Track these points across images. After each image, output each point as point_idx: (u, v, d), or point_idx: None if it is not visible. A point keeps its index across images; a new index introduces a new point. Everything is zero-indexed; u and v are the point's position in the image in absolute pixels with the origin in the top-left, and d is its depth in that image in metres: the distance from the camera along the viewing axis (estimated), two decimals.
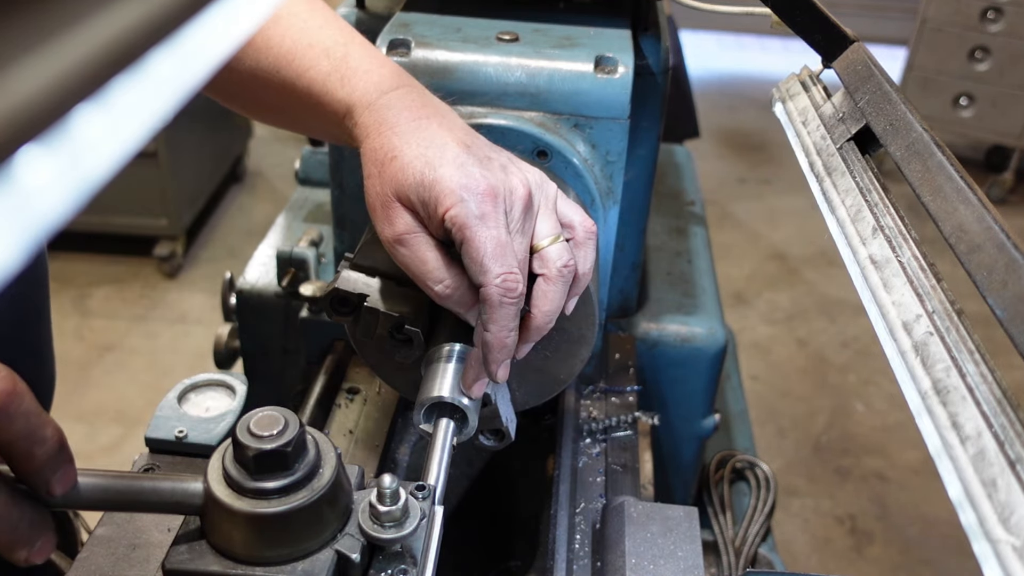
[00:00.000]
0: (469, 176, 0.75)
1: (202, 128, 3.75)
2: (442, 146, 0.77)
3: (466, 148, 0.78)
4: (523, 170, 0.81)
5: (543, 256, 0.79)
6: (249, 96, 0.93)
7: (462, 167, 0.76)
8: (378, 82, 0.83)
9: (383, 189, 0.78)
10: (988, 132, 4.51)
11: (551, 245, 0.80)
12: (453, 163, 0.76)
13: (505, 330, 0.77)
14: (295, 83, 0.86)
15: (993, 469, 0.46)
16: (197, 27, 0.25)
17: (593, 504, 0.99)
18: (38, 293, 0.96)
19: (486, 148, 0.81)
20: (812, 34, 0.91)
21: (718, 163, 4.90)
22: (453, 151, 0.77)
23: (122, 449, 2.80)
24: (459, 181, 0.75)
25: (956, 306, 0.58)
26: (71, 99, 0.21)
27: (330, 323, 1.23)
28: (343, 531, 0.69)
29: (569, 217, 0.83)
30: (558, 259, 0.79)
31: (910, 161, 0.70)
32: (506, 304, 0.76)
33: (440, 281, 0.77)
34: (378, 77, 0.84)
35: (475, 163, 0.77)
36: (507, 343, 0.78)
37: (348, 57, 0.85)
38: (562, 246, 0.80)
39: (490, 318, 0.77)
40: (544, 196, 0.81)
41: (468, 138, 0.80)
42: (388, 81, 0.84)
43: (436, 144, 0.77)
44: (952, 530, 2.69)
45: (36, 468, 0.62)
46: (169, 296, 3.56)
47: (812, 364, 3.40)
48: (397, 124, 0.79)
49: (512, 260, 0.75)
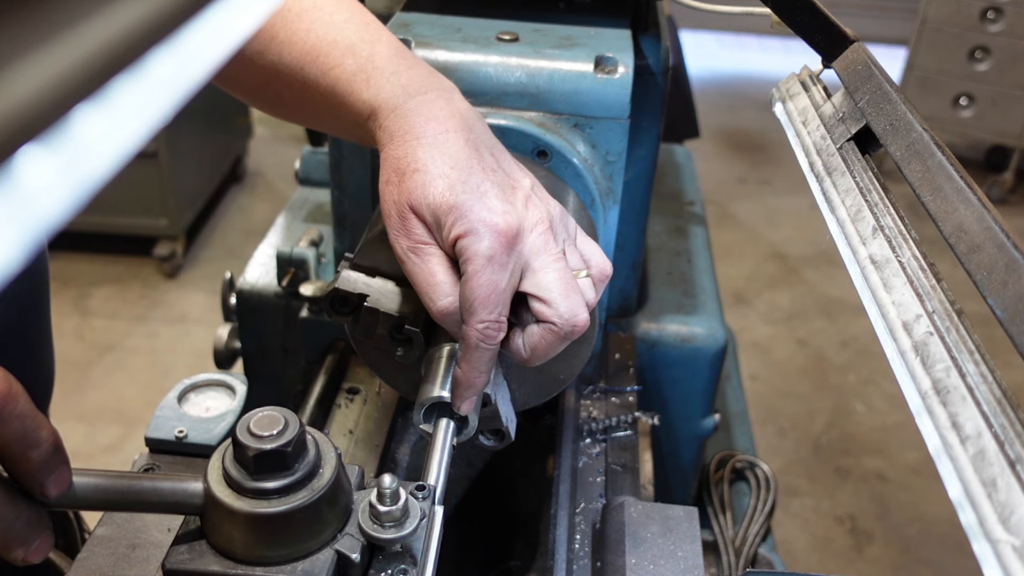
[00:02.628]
0: (490, 210, 0.74)
1: (202, 128, 3.75)
2: (467, 168, 0.75)
3: (492, 174, 0.77)
4: (545, 201, 0.79)
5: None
6: (271, 92, 0.91)
7: (484, 197, 0.74)
8: (406, 85, 0.81)
9: (400, 199, 0.76)
10: (988, 132, 4.51)
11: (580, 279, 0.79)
12: (476, 191, 0.74)
13: (476, 371, 0.78)
14: (319, 81, 0.84)
15: (993, 469, 0.46)
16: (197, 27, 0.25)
17: (593, 504, 0.99)
18: (38, 292, 0.96)
19: (511, 174, 0.79)
20: (812, 34, 0.91)
21: (718, 163, 4.90)
22: (478, 177, 0.75)
23: (122, 449, 2.80)
24: (479, 214, 0.73)
25: (956, 306, 0.58)
26: (71, 99, 0.21)
27: (330, 323, 1.23)
28: (343, 531, 0.69)
29: (588, 255, 0.82)
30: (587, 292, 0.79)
31: (910, 161, 0.70)
32: (482, 348, 0.77)
33: (446, 296, 0.77)
34: (406, 79, 0.81)
35: (498, 195, 0.75)
36: (476, 383, 0.79)
37: (375, 56, 0.83)
38: (587, 282, 0.79)
39: (464, 357, 0.78)
40: (565, 230, 0.80)
41: (494, 160, 0.79)
42: (416, 84, 0.81)
43: (461, 165, 0.75)
44: (952, 530, 2.69)
45: (31, 470, 0.62)
46: (169, 296, 3.56)
47: (812, 364, 3.40)
48: (423, 135, 0.77)
49: (500, 309, 0.75)
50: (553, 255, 0.76)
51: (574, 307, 0.75)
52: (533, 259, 0.76)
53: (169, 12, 0.24)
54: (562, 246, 0.78)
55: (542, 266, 0.76)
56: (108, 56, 0.22)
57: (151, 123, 0.24)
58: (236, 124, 4.18)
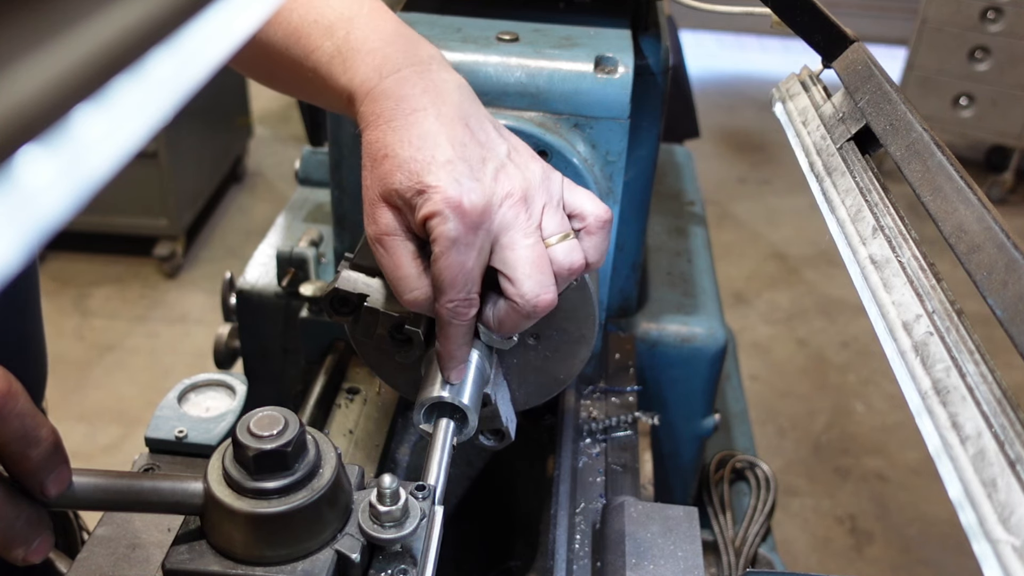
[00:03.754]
0: (456, 189, 0.73)
1: (202, 128, 3.75)
2: (434, 147, 0.74)
3: (462, 148, 0.75)
4: (522, 167, 0.78)
5: (551, 254, 0.78)
6: (264, 69, 0.91)
7: (451, 175, 0.73)
8: (380, 65, 0.80)
9: (372, 186, 0.77)
10: (988, 132, 4.51)
11: (558, 244, 0.78)
12: (443, 170, 0.74)
13: (454, 346, 0.80)
14: (303, 63, 0.85)
15: (993, 469, 0.46)
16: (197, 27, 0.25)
17: (593, 504, 0.99)
18: (28, 287, 0.96)
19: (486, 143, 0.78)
20: (812, 34, 0.91)
21: (718, 163, 4.90)
22: (445, 154, 0.74)
23: (122, 449, 2.80)
24: (444, 194, 0.73)
25: (956, 306, 0.58)
26: (71, 99, 0.21)
27: (330, 323, 1.23)
28: (343, 531, 0.69)
29: (580, 207, 0.80)
30: (564, 259, 0.78)
31: (910, 161, 0.70)
32: (455, 325, 0.78)
33: (411, 290, 0.77)
34: (380, 58, 0.80)
35: (466, 171, 0.74)
36: (456, 355, 0.80)
37: (350, 36, 0.82)
38: (569, 245, 0.78)
39: (441, 332, 0.79)
40: (547, 193, 0.79)
41: (468, 132, 0.77)
42: (392, 62, 0.80)
43: (428, 144, 0.75)
44: (952, 530, 2.69)
45: (31, 469, 0.62)
46: (169, 296, 3.56)
47: (812, 364, 3.40)
48: (393, 117, 0.77)
49: (468, 287, 0.75)
50: (522, 230, 0.75)
51: (536, 287, 0.75)
52: (502, 234, 0.75)
53: (169, 12, 0.24)
54: (537, 217, 0.77)
55: (510, 242, 0.75)
56: (108, 56, 0.22)
57: (151, 123, 0.24)
58: (236, 124, 4.18)
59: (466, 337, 0.80)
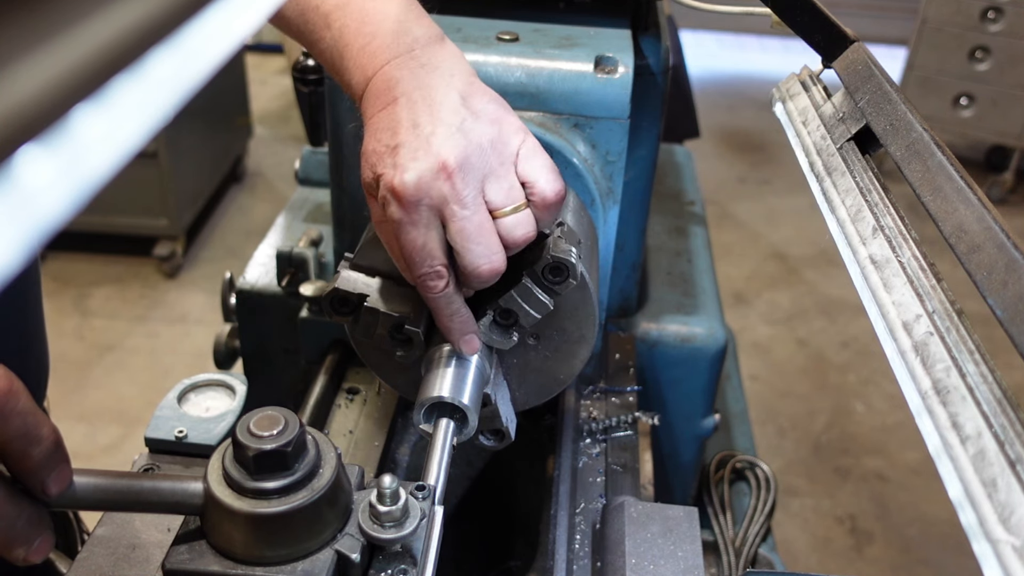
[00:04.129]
0: (393, 171, 0.76)
1: (202, 128, 3.75)
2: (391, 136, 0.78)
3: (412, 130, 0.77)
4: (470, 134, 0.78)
5: (499, 226, 0.79)
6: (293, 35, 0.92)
7: (393, 160, 0.77)
8: (366, 65, 0.83)
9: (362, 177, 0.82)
10: (988, 132, 4.51)
11: (508, 216, 0.78)
12: (389, 156, 0.77)
13: (444, 317, 0.82)
14: (313, 47, 0.88)
15: (993, 469, 0.46)
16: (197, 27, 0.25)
17: (593, 504, 0.99)
18: (30, 286, 0.96)
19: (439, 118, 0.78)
20: (812, 34, 0.91)
21: (718, 163, 4.90)
22: (395, 140, 0.77)
23: (122, 449, 2.80)
24: (385, 180, 0.77)
25: (956, 306, 0.58)
26: (71, 99, 0.21)
27: (330, 323, 1.23)
28: (343, 531, 0.69)
29: (532, 177, 0.80)
30: (511, 231, 0.78)
31: (910, 161, 0.70)
32: (432, 297, 0.80)
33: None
34: (367, 56, 0.83)
35: (407, 153, 0.76)
36: (451, 327, 0.83)
37: (344, 30, 0.84)
38: (515, 218, 0.79)
39: (429, 307, 0.83)
40: (498, 158, 0.79)
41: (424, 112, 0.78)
42: (377, 57, 0.82)
43: (387, 135, 0.78)
44: (952, 530, 2.69)
45: (32, 468, 0.62)
46: (169, 296, 3.56)
47: (812, 364, 3.40)
48: (372, 115, 0.81)
49: (430, 261, 0.78)
50: (459, 202, 0.76)
51: (475, 258, 0.77)
52: (443, 207, 0.77)
53: (169, 12, 0.24)
54: (476, 186, 0.77)
55: (450, 214, 0.77)
56: (108, 56, 0.22)
57: (151, 123, 0.24)
58: (236, 124, 4.18)
59: (452, 308, 0.81)
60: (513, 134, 0.80)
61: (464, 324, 0.83)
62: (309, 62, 1.43)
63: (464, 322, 0.83)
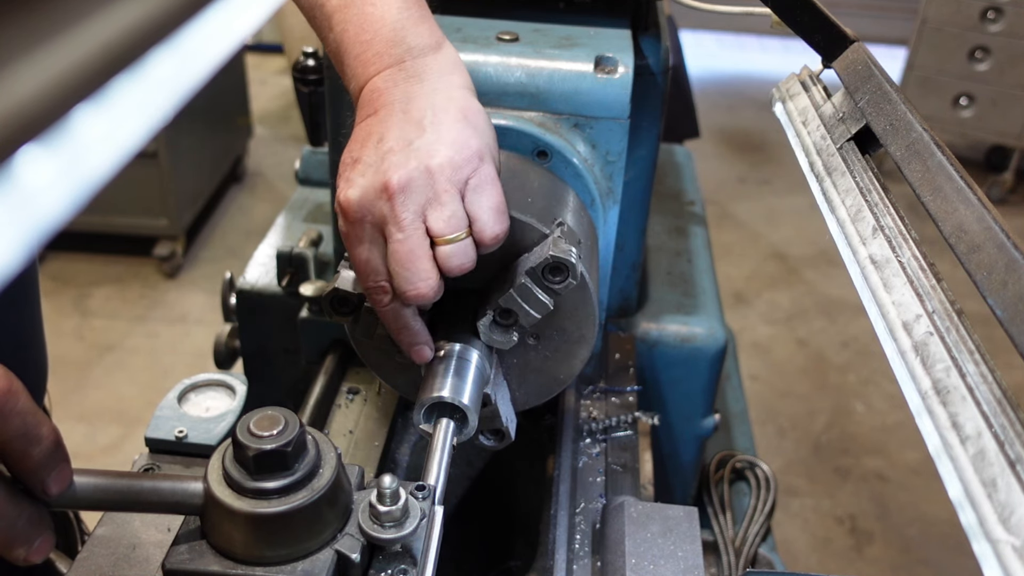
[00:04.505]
0: (345, 186, 0.78)
1: (202, 128, 3.75)
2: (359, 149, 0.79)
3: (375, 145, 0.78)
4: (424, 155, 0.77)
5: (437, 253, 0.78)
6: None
7: (349, 175, 0.79)
8: (360, 74, 0.84)
9: None
10: (988, 132, 4.51)
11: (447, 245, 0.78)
12: (348, 171, 0.79)
13: (392, 329, 0.84)
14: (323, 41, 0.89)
15: (993, 469, 0.46)
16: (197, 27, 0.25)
17: (593, 504, 0.99)
18: (28, 286, 0.96)
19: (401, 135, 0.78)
20: (812, 34, 0.91)
21: (718, 163, 4.90)
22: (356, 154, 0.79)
23: (122, 449, 2.80)
24: (338, 196, 0.79)
25: (956, 306, 0.58)
26: (71, 99, 0.21)
27: (330, 323, 1.23)
28: (343, 531, 0.69)
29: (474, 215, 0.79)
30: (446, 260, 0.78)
31: (910, 161, 0.70)
32: (379, 312, 0.82)
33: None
34: (362, 65, 0.84)
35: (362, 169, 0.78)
36: (400, 338, 0.84)
37: (344, 33, 0.85)
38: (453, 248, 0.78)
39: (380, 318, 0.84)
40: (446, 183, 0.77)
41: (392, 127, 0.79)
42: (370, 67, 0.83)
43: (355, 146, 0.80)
44: (952, 530, 2.69)
45: (32, 467, 0.62)
46: (169, 296, 3.56)
47: (812, 364, 3.40)
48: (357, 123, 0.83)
49: (374, 275, 0.80)
50: (396, 224, 0.77)
51: (402, 283, 0.78)
52: (383, 226, 0.78)
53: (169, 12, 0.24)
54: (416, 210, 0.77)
55: (388, 236, 0.78)
56: (108, 56, 0.22)
57: (151, 123, 0.24)
58: (236, 124, 4.18)
59: (400, 322, 0.83)
60: (468, 161, 0.78)
61: (412, 337, 0.84)
62: (309, 62, 1.43)
63: (412, 335, 0.84)
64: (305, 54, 1.44)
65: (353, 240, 0.79)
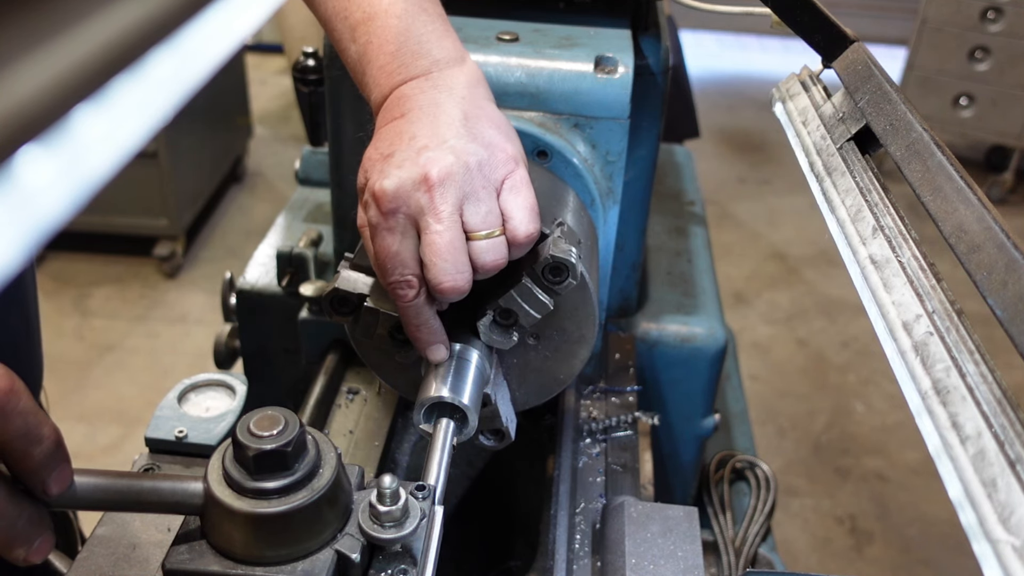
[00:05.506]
0: (378, 177, 0.77)
1: (202, 128, 3.75)
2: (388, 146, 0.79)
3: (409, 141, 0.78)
4: (460, 152, 0.78)
5: (471, 248, 0.78)
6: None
7: (382, 167, 0.78)
8: (384, 84, 0.84)
9: None
10: (988, 132, 4.51)
11: (482, 240, 0.78)
12: (379, 164, 0.78)
13: (412, 326, 0.82)
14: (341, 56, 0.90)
15: (993, 469, 0.46)
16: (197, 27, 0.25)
17: (593, 504, 0.99)
18: (25, 285, 0.96)
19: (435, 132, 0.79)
20: (812, 34, 0.91)
21: (718, 163, 4.90)
22: (388, 149, 0.79)
23: (122, 449, 2.80)
24: (369, 184, 0.78)
25: (956, 306, 0.58)
26: (71, 99, 0.21)
27: (330, 323, 1.23)
28: (343, 531, 0.69)
29: (509, 212, 0.80)
30: (480, 255, 0.78)
31: (910, 161, 0.70)
32: (402, 308, 0.81)
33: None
34: (386, 75, 0.84)
35: (395, 162, 0.77)
36: (418, 335, 0.83)
37: (369, 44, 0.85)
38: (489, 243, 0.78)
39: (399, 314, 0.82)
40: (482, 181, 0.78)
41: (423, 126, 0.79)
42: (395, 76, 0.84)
43: (384, 145, 0.80)
44: (952, 530, 2.69)
45: (33, 467, 0.62)
46: (169, 296, 3.56)
47: (812, 364, 3.40)
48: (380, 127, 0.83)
49: (400, 270, 0.78)
50: (434, 215, 0.76)
51: (438, 274, 0.77)
52: (419, 218, 0.77)
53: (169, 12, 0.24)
54: (454, 204, 0.77)
55: (424, 226, 0.77)
56: (108, 56, 0.22)
57: (151, 123, 0.24)
58: (236, 124, 4.18)
59: (420, 318, 0.81)
60: (503, 163, 0.80)
61: (430, 335, 0.83)
62: (309, 62, 1.43)
63: (431, 333, 0.83)
64: (305, 54, 1.44)
65: (383, 231, 0.77)
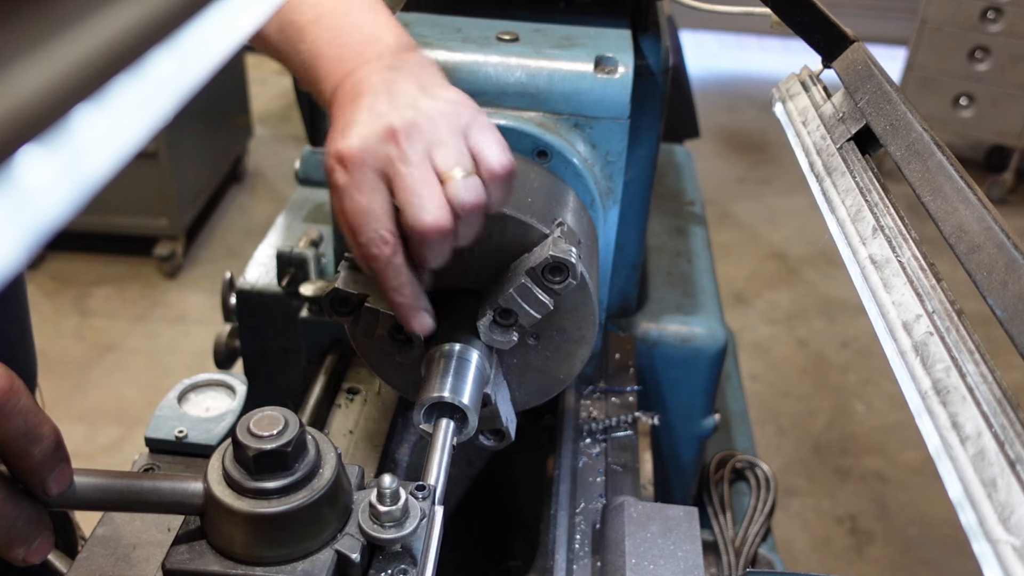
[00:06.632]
0: (340, 139, 0.76)
1: (202, 128, 3.75)
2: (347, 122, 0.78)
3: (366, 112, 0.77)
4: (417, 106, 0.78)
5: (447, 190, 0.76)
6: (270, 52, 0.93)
7: (340, 130, 0.77)
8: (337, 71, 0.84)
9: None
10: (988, 132, 4.51)
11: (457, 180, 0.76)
12: (339, 128, 0.77)
13: (391, 290, 0.79)
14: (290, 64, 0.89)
15: (993, 469, 0.46)
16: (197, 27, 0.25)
17: (593, 504, 0.99)
18: (14, 283, 0.96)
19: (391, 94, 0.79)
20: (812, 34, 0.91)
21: (718, 163, 4.90)
22: (349, 117, 0.78)
23: (122, 449, 2.80)
24: (332, 149, 0.77)
25: (956, 306, 0.58)
26: (71, 99, 0.21)
27: (330, 323, 1.23)
28: (343, 531, 0.69)
29: (479, 150, 0.78)
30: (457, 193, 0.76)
31: (910, 161, 0.70)
32: (378, 270, 0.78)
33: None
34: (338, 64, 0.84)
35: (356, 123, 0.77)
36: (398, 300, 0.79)
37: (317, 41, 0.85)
38: (464, 182, 0.76)
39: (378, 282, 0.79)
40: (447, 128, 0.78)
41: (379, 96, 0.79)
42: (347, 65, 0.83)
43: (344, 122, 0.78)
44: (952, 530, 2.69)
45: (33, 467, 0.62)
46: (169, 296, 3.56)
47: (812, 364, 3.40)
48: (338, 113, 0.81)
49: (374, 223, 0.75)
50: (404, 161, 0.75)
51: (417, 211, 0.74)
52: (388, 168, 0.76)
53: (169, 12, 0.24)
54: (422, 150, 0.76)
55: (394, 174, 0.76)
56: (108, 56, 0.22)
57: (151, 123, 0.24)
58: (236, 124, 4.18)
59: (399, 279, 0.78)
60: (465, 112, 0.79)
61: (413, 299, 0.79)
62: None
63: (412, 296, 0.79)
64: None
65: (351, 189, 0.75)
